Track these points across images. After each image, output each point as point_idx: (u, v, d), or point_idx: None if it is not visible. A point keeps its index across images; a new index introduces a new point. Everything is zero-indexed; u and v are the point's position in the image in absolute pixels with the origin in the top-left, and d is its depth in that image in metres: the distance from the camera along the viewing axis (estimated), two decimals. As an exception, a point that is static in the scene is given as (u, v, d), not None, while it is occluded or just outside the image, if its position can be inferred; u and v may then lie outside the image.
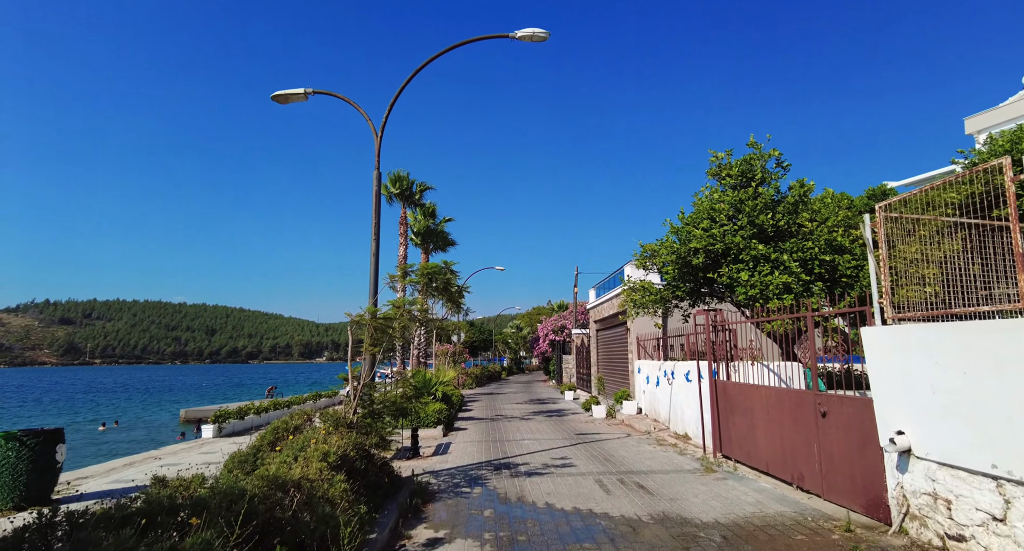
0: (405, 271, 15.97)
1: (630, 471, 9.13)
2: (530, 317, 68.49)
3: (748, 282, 9.98)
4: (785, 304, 9.48)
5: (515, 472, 9.26)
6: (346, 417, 7.22)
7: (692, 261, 11.01)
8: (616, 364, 20.84)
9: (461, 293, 17.44)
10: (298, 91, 9.33)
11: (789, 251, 10.06)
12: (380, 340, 7.89)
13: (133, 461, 10.64)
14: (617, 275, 21.42)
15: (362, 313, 7.70)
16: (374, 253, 9.03)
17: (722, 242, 10.45)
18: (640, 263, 13.23)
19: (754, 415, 8.70)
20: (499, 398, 26.25)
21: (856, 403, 6.33)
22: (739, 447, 9.24)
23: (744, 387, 9.09)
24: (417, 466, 9.90)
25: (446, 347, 30.16)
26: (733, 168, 11.55)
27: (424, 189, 36.22)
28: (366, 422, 7.26)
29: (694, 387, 11.93)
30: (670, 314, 14.03)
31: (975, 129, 32.02)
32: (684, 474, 8.81)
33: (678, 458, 10.20)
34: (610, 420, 16.68)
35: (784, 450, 7.80)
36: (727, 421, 9.72)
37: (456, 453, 11.30)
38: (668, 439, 12.48)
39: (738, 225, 10.59)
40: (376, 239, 9.08)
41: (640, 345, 17.33)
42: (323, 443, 5.66)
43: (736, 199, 10.75)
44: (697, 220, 11.18)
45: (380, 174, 9.25)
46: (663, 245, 12.41)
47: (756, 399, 8.64)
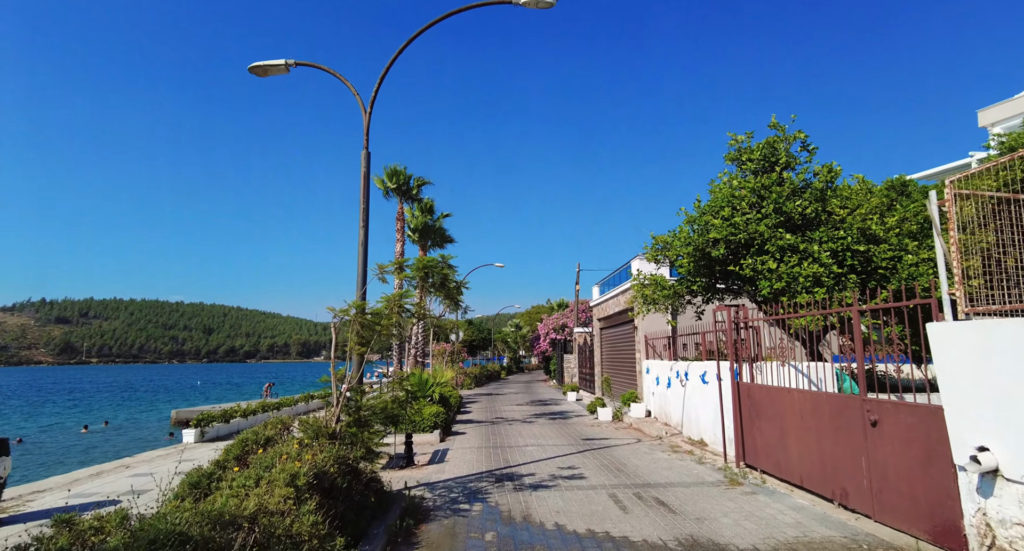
0: (400, 265, 15.05)
1: (647, 484, 8.24)
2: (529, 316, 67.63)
3: (776, 273, 9.08)
4: (816, 298, 8.61)
5: (519, 484, 8.37)
6: (328, 426, 6.32)
7: (711, 253, 10.11)
8: (622, 364, 19.95)
9: (459, 289, 16.50)
10: (278, 62, 8.41)
11: (819, 241, 9.17)
12: (368, 339, 6.99)
13: (101, 470, 9.73)
14: (623, 270, 20.53)
15: (347, 308, 6.80)
16: (362, 242, 8.13)
17: (745, 232, 9.56)
18: (651, 256, 12.33)
19: (785, 422, 7.81)
20: (499, 399, 25.36)
21: (918, 412, 5.44)
22: (766, 457, 8.36)
23: (773, 390, 8.20)
24: (411, 477, 9.01)
25: (444, 346, 29.25)
26: (755, 152, 10.66)
27: (422, 184, 35.29)
28: (351, 432, 6.36)
29: (712, 389, 11.05)
30: (682, 311, 13.15)
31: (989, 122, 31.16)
32: (707, 487, 7.92)
33: (697, 468, 9.31)
34: (617, 423, 15.79)
35: (823, 462, 6.92)
36: (752, 428, 8.84)
37: (454, 461, 10.40)
38: (682, 445, 11.59)
39: (762, 213, 9.70)
40: (364, 226, 8.18)
41: (649, 344, 16.45)
42: (295, 460, 4.76)
43: (759, 185, 9.86)
44: (716, 208, 10.29)
45: (369, 153, 8.35)
46: (677, 236, 11.52)
47: (787, 404, 7.75)
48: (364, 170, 8.33)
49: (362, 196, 8.25)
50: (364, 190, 8.26)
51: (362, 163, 8.34)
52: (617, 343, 20.86)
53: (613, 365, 21.50)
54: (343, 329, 7.04)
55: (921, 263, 8.96)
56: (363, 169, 8.34)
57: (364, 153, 8.35)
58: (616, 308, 20.35)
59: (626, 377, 19.16)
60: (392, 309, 7.14)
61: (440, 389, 16.50)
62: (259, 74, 8.44)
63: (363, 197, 8.23)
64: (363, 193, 8.25)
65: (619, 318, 20.27)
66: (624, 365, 19.59)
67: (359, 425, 6.61)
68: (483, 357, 66.68)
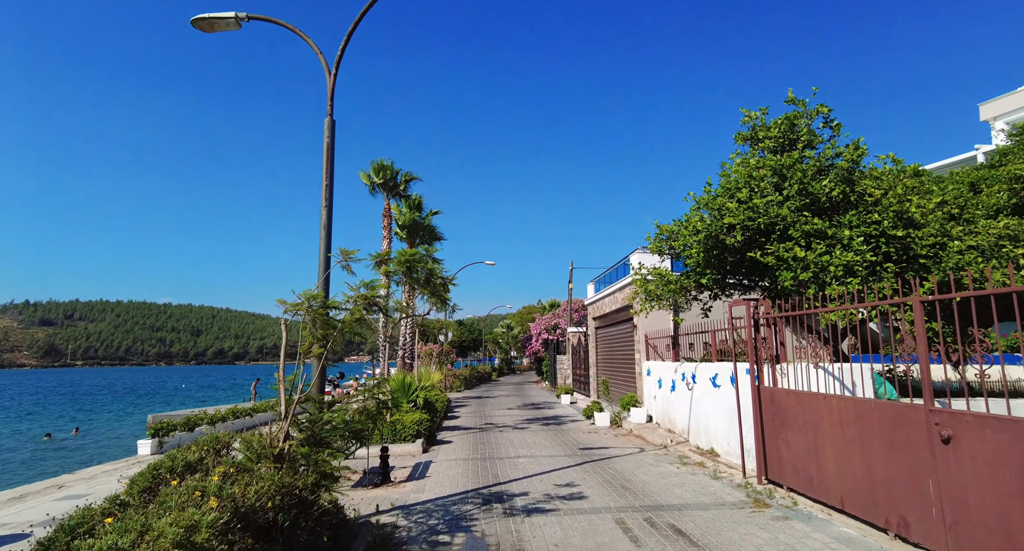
0: (382, 259, 13.82)
1: (658, 506, 7.09)
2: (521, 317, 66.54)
3: (803, 262, 7.96)
4: (850, 290, 7.51)
5: (510, 507, 7.19)
6: (273, 445, 5.12)
7: (725, 241, 8.99)
8: (620, 365, 18.82)
9: (446, 286, 15.30)
10: (227, 15, 7.19)
11: (849, 225, 8.07)
12: (327, 338, 5.78)
13: (26, 493, 8.44)
14: (620, 267, 19.42)
15: (299, 301, 5.59)
16: (324, 225, 6.94)
17: (765, 215, 8.44)
18: (655, 247, 11.19)
19: (819, 433, 6.69)
20: (489, 403, 24.16)
21: (1015, 428, 4.32)
22: (795, 473, 7.23)
23: (803, 397, 7.08)
24: (385, 498, 7.81)
25: (432, 347, 28.02)
26: (772, 129, 9.55)
27: (409, 179, 34.02)
28: (303, 452, 5.15)
29: (725, 394, 9.93)
30: (688, 308, 12.02)
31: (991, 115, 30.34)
32: (730, 510, 6.78)
33: (713, 484, 8.17)
34: (616, 430, 14.65)
35: (871, 483, 5.79)
36: (776, 439, 7.71)
37: (437, 477, 9.20)
38: (691, 455, 10.45)
39: (784, 195, 8.59)
40: (327, 206, 6.98)
41: (650, 344, 15.32)
42: (211, 497, 3.56)
43: (780, 165, 8.75)
44: (731, 191, 9.17)
45: (333, 121, 7.15)
46: (684, 225, 10.40)
47: (823, 412, 6.63)
48: (327, 140, 7.13)
49: (325, 170, 7.05)
50: (327, 163, 7.05)
51: (325, 132, 7.14)
52: (614, 343, 19.73)
53: (610, 366, 20.37)
54: (297, 327, 5.84)
55: (966, 251, 7.89)
56: (326, 139, 7.14)
57: (328, 121, 7.15)
58: (613, 306, 19.23)
59: (624, 379, 18.03)
60: (357, 302, 5.93)
61: (425, 393, 15.30)
62: (205, 29, 7.21)
63: (326, 171, 7.03)
64: (326, 166, 7.05)
65: (616, 317, 19.14)
66: (622, 366, 18.46)
67: (314, 444, 5.40)
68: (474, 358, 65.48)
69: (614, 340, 19.71)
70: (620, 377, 18.63)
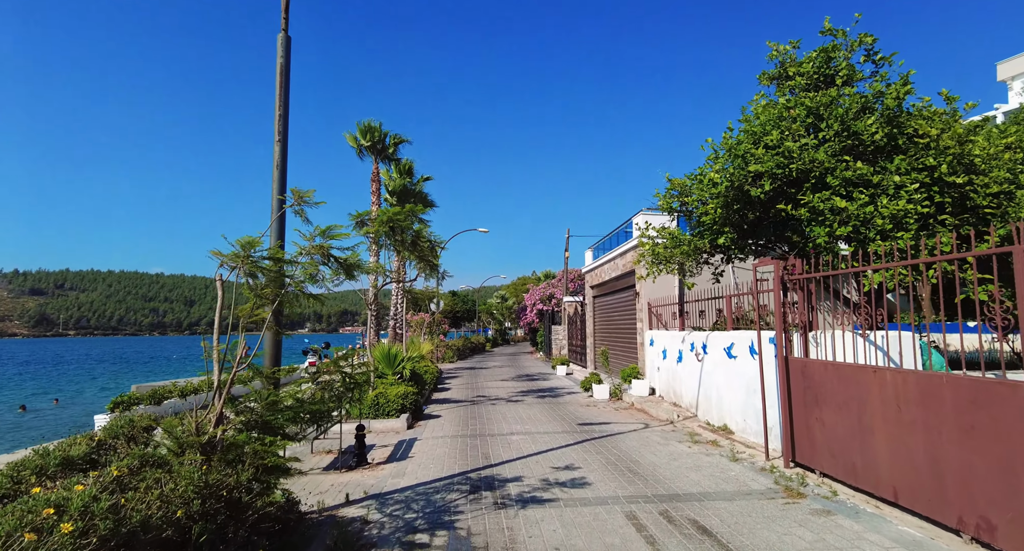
0: (362, 220, 12.63)
1: (674, 495, 6.10)
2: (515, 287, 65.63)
3: (842, 215, 6.84)
4: (900, 245, 6.41)
5: (502, 496, 6.19)
6: (201, 432, 4.02)
7: (750, 192, 7.83)
8: (619, 335, 17.84)
9: (435, 250, 14.14)
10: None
11: (899, 171, 6.91)
12: (274, 297, 4.64)
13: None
14: (621, 231, 18.26)
15: (237, 252, 4.42)
16: (278, 163, 5.72)
17: (799, 161, 7.27)
18: (665, 204, 10.03)
19: (867, 412, 5.67)
20: (482, 374, 23.26)
21: None
22: (831, 456, 6.24)
23: (845, 370, 6.03)
24: (359, 484, 6.80)
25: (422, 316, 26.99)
26: (804, 64, 8.31)
27: (399, 142, 32.48)
28: (240, 440, 4.07)
29: (743, 366, 8.92)
30: (698, 272, 10.93)
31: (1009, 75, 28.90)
32: (758, 501, 5.80)
33: (733, 468, 7.20)
34: (616, 403, 13.72)
35: (940, 475, 4.79)
36: (808, 417, 6.71)
37: (420, 457, 8.21)
38: (702, 433, 9.50)
39: (821, 137, 7.41)
40: (281, 140, 5.75)
41: (653, 312, 14.28)
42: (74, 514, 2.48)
43: (817, 103, 7.53)
44: (758, 135, 7.96)
45: (288, 38, 5.85)
46: (698, 179, 9.23)
47: (872, 388, 5.59)
48: (281, 61, 5.85)
49: (278, 96, 5.79)
50: (281, 88, 5.79)
51: (278, 50, 5.85)
52: (613, 312, 18.71)
53: (609, 337, 19.40)
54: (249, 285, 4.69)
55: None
56: (279, 60, 5.86)
57: (281, 36, 5.86)
58: (613, 273, 18.13)
59: (625, 350, 17.06)
60: (310, 254, 4.77)
61: (412, 364, 14.28)
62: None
63: (280, 97, 5.78)
64: (280, 92, 5.79)
65: (616, 284, 18.08)
66: (622, 336, 17.47)
67: (258, 429, 4.32)
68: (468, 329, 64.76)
69: (614, 309, 18.68)
70: (620, 347, 17.67)
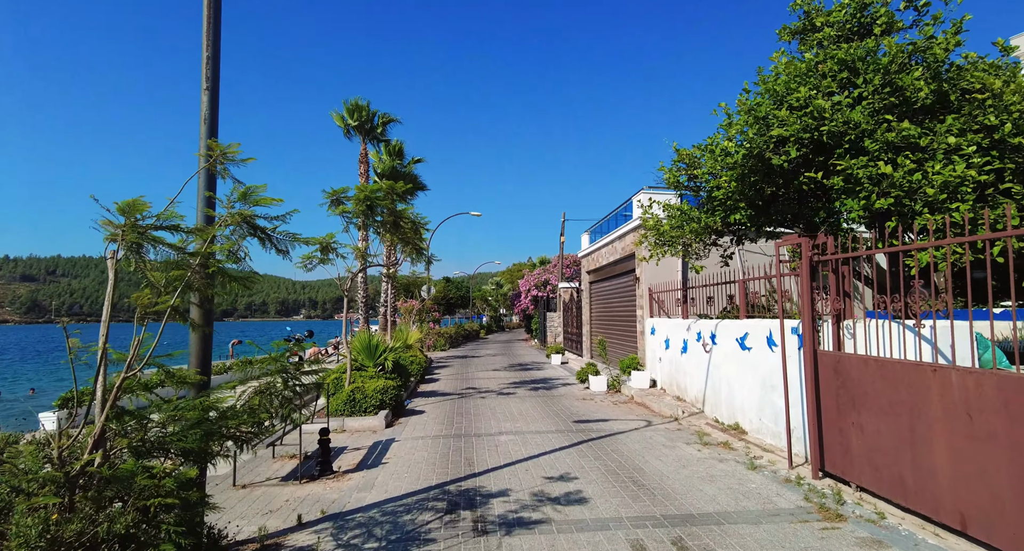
0: (337, 197, 11.55)
1: (687, 516, 5.13)
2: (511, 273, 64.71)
3: (883, 183, 5.81)
4: (956, 218, 5.40)
5: (483, 517, 5.21)
6: (66, 459, 3.00)
7: (772, 161, 6.79)
8: (618, 323, 16.87)
9: (418, 231, 13.06)
10: None
11: (950, 132, 5.86)
12: (184, 281, 3.59)
13: None
14: (619, 213, 17.21)
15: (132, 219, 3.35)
16: (205, 117, 4.63)
17: (832, 123, 6.22)
18: (672, 178, 8.99)
19: (922, 419, 4.70)
20: (474, 363, 22.30)
21: None
22: (873, 469, 5.29)
23: (892, 367, 5.05)
24: (318, 499, 5.81)
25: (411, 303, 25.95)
26: (835, 12, 7.23)
27: (387, 121, 31.09)
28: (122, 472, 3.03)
29: (759, 358, 7.94)
30: (705, 255, 9.93)
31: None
32: (790, 525, 4.84)
33: (753, 478, 6.24)
34: (614, 396, 12.77)
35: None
36: (842, 420, 5.74)
37: (395, 464, 7.23)
38: (711, 432, 8.56)
39: (857, 94, 6.35)
40: (210, 87, 4.65)
41: (654, 298, 13.29)
42: None
43: (852, 56, 6.45)
44: (780, 96, 6.90)
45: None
46: (709, 148, 8.18)
47: (930, 390, 4.62)
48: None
49: (206, 34, 4.69)
50: (210, 23, 4.68)
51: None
52: (611, 299, 17.72)
53: (607, 324, 18.42)
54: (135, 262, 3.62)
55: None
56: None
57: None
58: (612, 257, 17.11)
59: (623, 339, 16.10)
60: (229, 223, 3.70)
61: (395, 355, 13.27)
62: None
63: (207, 35, 4.67)
64: (207, 28, 4.68)
65: (614, 269, 17.06)
66: (621, 324, 16.50)
67: (161, 453, 3.29)
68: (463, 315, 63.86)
69: (612, 295, 17.69)
70: (618, 336, 16.70)
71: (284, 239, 3.78)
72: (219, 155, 3.88)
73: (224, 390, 4.10)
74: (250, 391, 4.48)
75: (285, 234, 3.77)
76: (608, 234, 17.51)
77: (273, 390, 4.48)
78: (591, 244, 20.43)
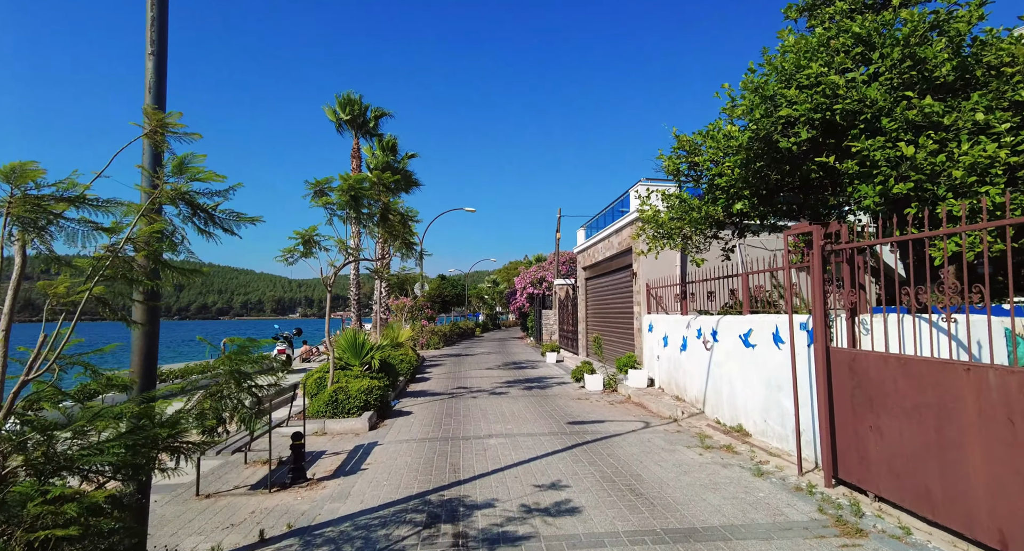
0: (321, 188, 11.04)
1: (690, 529, 4.65)
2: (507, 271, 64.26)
3: (903, 166, 5.33)
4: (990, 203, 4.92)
5: (466, 532, 4.71)
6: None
7: (780, 144, 6.29)
8: (615, 320, 16.39)
9: (407, 224, 12.54)
10: None
11: (976, 109, 5.38)
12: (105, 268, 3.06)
13: None
14: (616, 207, 16.73)
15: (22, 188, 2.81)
16: (151, 86, 4.12)
17: (846, 101, 5.73)
18: (672, 165, 8.50)
19: (952, 423, 4.22)
20: (467, 361, 21.80)
21: None
22: (894, 477, 4.81)
23: (917, 365, 4.56)
24: (286, 511, 5.30)
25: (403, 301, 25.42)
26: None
27: (380, 115, 30.63)
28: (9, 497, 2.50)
29: (764, 356, 7.46)
30: (706, 248, 9.46)
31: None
32: (805, 541, 4.35)
33: (760, 486, 5.76)
34: (610, 395, 12.29)
35: (1076, 517, 3.35)
36: (858, 423, 5.26)
37: (375, 470, 6.72)
38: (713, 435, 8.08)
39: (874, 69, 5.87)
40: (156, 52, 4.13)
41: (652, 294, 12.81)
42: None
43: (869, 29, 5.97)
44: (788, 74, 6.41)
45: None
46: (710, 134, 7.71)
47: (961, 391, 4.14)
48: (152, -60, 4.20)
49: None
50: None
51: (148, -74, 4.20)
52: (608, 295, 17.23)
53: (603, 321, 17.94)
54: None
55: None
56: (151, -61, 4.21)
57: (153, -93, 4.20)
58: (608, 252, 16.62)
59: (620, 336, 15.62)
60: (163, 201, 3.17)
61: (383, 353, 12.76)
62: None
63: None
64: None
65: (611, 264, 16.58)
66: (617, 321, 16.02)
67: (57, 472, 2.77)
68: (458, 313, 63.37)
69: (608, 291, 17.20)
70: (615, 333, 16.22)
71: (227, 218, 3.25)
72: (156, 125, 3.35)
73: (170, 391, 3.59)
74: (199, 395, 3.97)
75: (229, 213, 3.25)
76: (604, 229, 17.02)
77: (226, 394, 3.97)
78: (587, 239, 19.93)
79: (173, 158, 3.09)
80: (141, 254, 3.01)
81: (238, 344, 4.21)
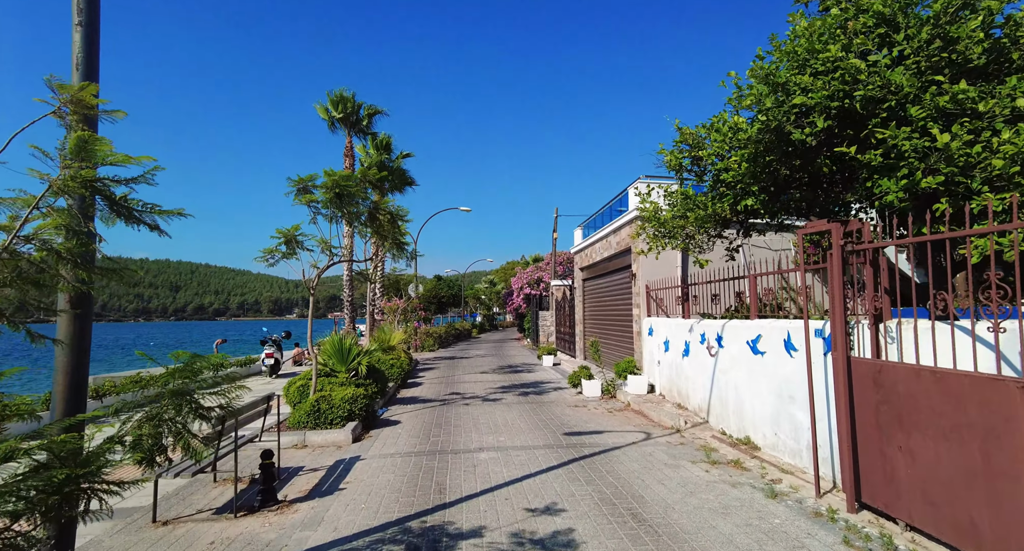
0: (305, 185, 10.48)
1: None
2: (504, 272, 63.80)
3: (931, 157, 4.80)
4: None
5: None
6: None
7: (793, 135, 5.77)
8: (613, 323, 15.86)
9: (396, 222, 11.99)
10: None
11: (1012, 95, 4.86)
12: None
13: None
14: (613, 206, 16.20)
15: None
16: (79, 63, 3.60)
17: (867, 87, 5.21)
18: (673, 160, 7.98)
19: (1002, 447, 3.69)
20: (462, 364, 21.24)
21: None
22: (929, 505, 4.28)
23: (956, 380, 4.04)
24: (249, 541, 4.75)
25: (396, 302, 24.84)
26: (866, -36, 6.21)
27: (373, 113, 30.09)
28: None
29: (775, 364, 6.92)
30: (710, 248, 8.95)
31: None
32: (832, 582, 3.82)
33: (775, 510, 5.23)
34: (609, 402, 11.76)
35: None
36: (884, 443, 4.74)
37: (354, 489, 6.17)
38: (719, 448, 7.55)
39: (898, 52, 5.35)
40: (86, 22, 3.59)
41: (652, 296, 12.28)
42: None
43: (892, 8, 5.45)
44: (801, 60, 5.89)
45: None
46: (715, 126, 7.19)
47: (1016, 411, 3.62)
48: None
49: (78, -46, 3.61)
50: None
51: None
52: (606, 297, 16.71)
53: (600, 324, 17.41)
54: None
55: None
56: None
57: None
58: (606, 252, 16.09)
59: (618, 340, 15.09)
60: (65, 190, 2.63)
61: (370, 358, 12.21)
62: None
63: (78, -46, 3.60)
64: (79, -54, 3.61)
65: (609, 265, 16.05)
66: (616, 324, 15.49)
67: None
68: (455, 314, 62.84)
69: (606, 293, 16.68)
70: (613, 337, 15.69)
71: (143, 211, 2.71)
72: (66, 102, 2.81)
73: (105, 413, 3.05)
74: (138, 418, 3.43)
75: (144, 205, 2.71)
76: (603, 228, 16.49)
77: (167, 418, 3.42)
78: (584, 239, 19.40)
79: (70, 136, 2.54)
80: (39, 255, 2.47)
81: (183, 359, 3.66)
